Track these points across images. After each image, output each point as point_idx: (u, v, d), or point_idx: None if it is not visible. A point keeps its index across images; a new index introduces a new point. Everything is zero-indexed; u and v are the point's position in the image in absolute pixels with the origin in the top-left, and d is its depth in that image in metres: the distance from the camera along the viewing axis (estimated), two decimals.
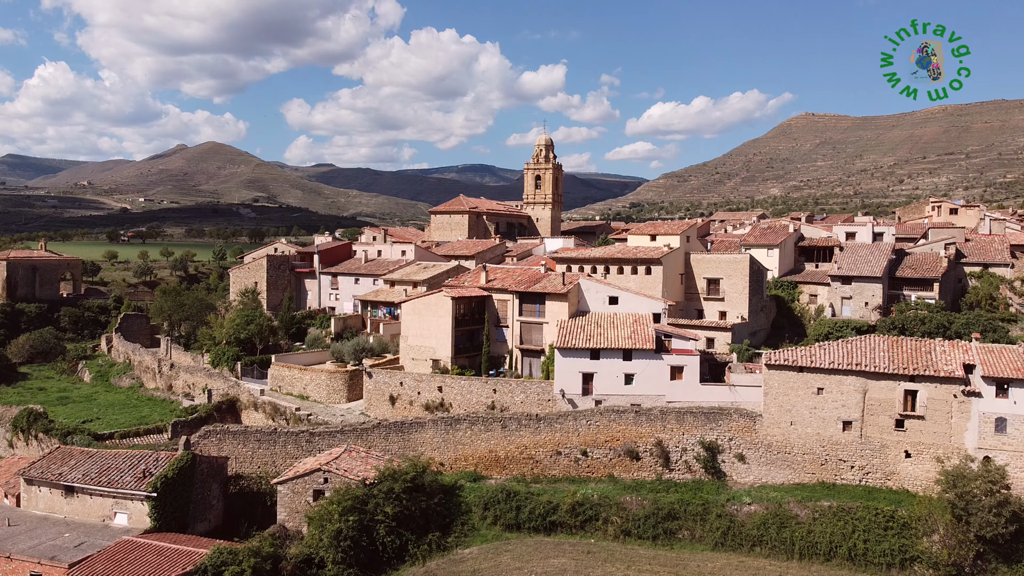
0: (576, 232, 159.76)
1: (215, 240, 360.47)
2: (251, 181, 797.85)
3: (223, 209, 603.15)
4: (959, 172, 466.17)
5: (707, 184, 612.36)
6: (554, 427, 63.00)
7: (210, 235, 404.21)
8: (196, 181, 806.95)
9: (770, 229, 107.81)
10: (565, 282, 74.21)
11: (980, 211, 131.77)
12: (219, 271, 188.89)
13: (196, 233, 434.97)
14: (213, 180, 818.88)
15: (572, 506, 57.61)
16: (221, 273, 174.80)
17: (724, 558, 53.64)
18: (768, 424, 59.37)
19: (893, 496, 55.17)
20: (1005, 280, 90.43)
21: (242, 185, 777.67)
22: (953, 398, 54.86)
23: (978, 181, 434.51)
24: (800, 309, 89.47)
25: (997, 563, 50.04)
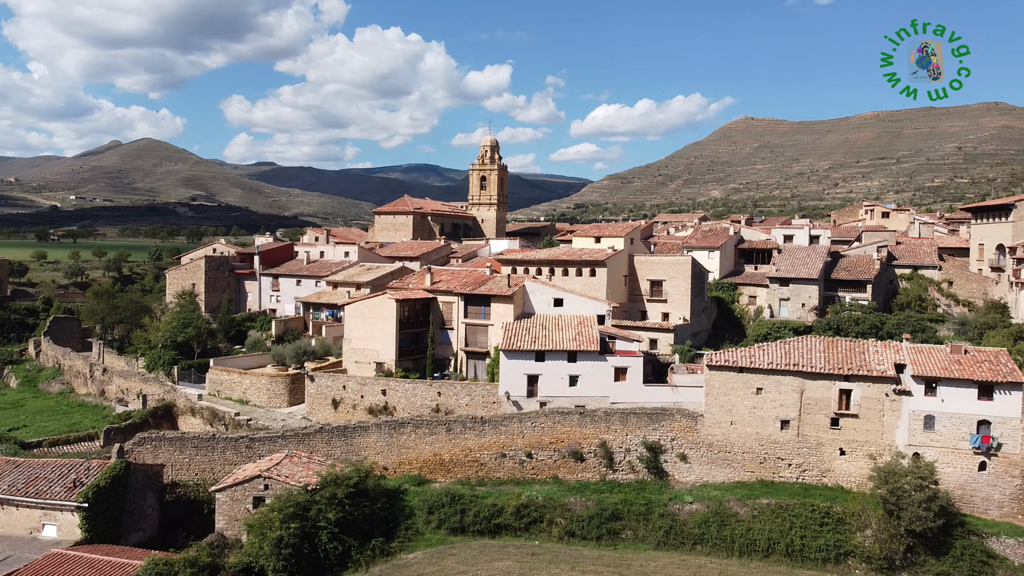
0: (521, 233, 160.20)
1: (151, 240, 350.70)
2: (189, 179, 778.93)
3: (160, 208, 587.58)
4: (890, 176, 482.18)
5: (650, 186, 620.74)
6: (499, 429, 62.96)
7: (146, 235, 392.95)
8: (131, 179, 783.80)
9: (711, 231, 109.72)
10: (510, 284, 74.22)
11: (910, 215, 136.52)
12: (155, 272, 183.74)
13: (131, 233, 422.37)
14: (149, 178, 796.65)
15: (517, 508, 57.67)
16: (157, 274, 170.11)
17: (667, 557, 54.34)
18: (709, 424, 60.35)
19: (829, 493, 56.68)
20: (933, 282, 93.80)
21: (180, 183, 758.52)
22: (885, 397, 56.61)
23: (908, 185, 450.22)
24: (740, 310, 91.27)
25: (926, 556, 51.80)
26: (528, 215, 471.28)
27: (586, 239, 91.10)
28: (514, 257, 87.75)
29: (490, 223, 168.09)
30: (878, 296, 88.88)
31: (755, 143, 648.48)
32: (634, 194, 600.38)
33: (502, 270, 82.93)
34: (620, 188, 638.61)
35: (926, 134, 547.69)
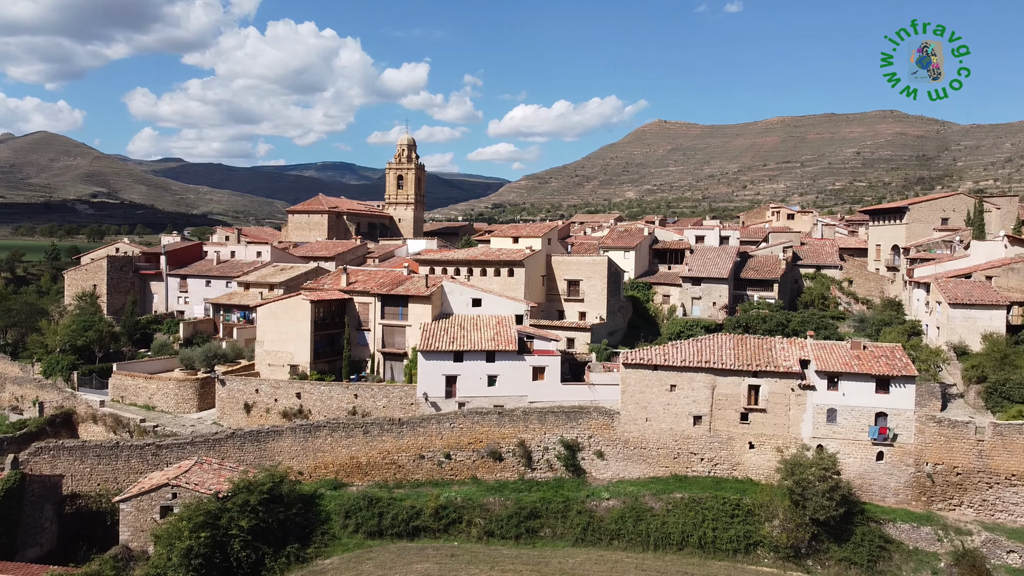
0: (439, 233, 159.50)
1: (47, 239, 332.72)
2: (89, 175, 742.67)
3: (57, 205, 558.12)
4: (795, 179, 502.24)
5: (567, 186, 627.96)
6: (417, 431, 62.49)
7: (42, 233, 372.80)
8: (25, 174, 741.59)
9: (627, 232, 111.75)
10: (428, 284, 73.76)
11: (814, 217, 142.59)
12: (52, 273, 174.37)
13: (25, 231, 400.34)
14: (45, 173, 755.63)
15: (436, 510, 57.44)
16: (55, 275, 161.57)
17: (584, 553, 55.10)
18: (625, 421, 61.45)
19: (739, 485, 58.59)
20: (835, 281, 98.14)
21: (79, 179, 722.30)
22: (791, 392, 58.89)
23: (811, 188, 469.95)
24: (654, 309, 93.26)
25: (829, 543, 54.20)
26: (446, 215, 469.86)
27: (504, 239, 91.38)
28: (432, 257, 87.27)
29: (407, 223, 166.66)
30: (784, 295, 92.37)
31: (668, 145, 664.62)
32: (551, 194, 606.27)
33: (420, 270, 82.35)
34: (538, 188, 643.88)
35: (828, 139, 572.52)
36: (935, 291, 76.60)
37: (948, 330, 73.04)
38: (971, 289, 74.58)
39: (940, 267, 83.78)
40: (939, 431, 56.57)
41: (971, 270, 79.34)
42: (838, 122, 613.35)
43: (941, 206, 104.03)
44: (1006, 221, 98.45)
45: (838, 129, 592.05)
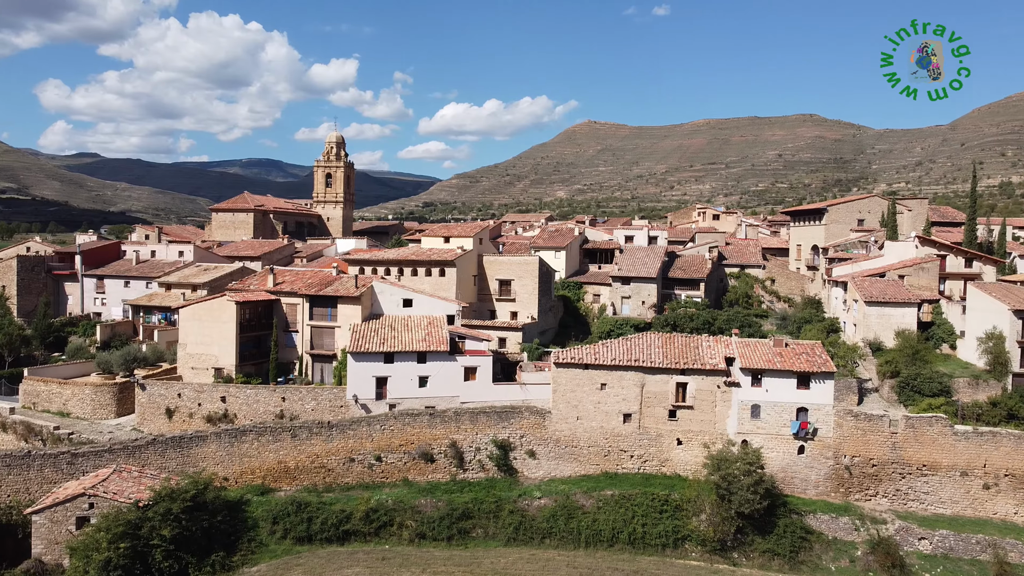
0: (369, 232, 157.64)
1: None
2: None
3: None
4: (720, 180, 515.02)
5: (498, 185, 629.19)
6: (347, 434, 61.58)
7: None
8: None
9: (558, 232, 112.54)
10: (358, 285, 72.74)
11: (738, 217, 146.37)
12: None
13: None
14: None
15: (366, 513, 56.80)
16: None
17: (516, 552, 55.30)
18: (557, 420, 61.87)
19: (667, 481, 59.69)
20: (758, 280, 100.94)
21: None
22: (717, 389, 60.31)
23: (736, 189, 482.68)
24: (585, 308, 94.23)
25: (754, 535, 55.77)
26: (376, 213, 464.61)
27: (435, 239, 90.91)
28: (362, 257, 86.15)
29: (336, 222, 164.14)
30: (710, 293, 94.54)
31: (598, 146, 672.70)
32: (482, 193, 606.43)
33: (349, 270, 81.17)
34: (469, 187, 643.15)
35: (751, 142, 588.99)
36: (852, 290, 79.59)
37: (864, 327, 75.98)
38: (885, 288, 77.76)
39: (857, 266, 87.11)
40: (856, 425, 58.83)
41: (885, 269, 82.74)
42: (761, 125, 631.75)
43: (857, 208, 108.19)
44: (917, 222, 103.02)
45: (761, 132, 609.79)
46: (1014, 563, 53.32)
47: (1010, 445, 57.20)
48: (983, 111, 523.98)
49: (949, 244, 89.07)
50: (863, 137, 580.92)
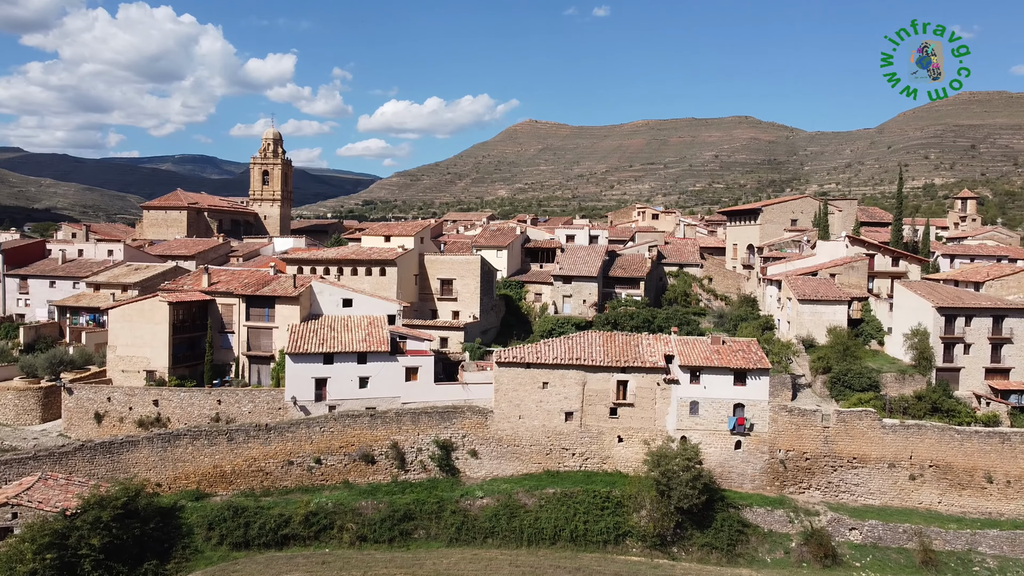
0: (307, 231, 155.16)
1: None
2: None
3: None
4: (659, 180, 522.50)
5: (439, 184, 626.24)
6: (285, 436, 60.46)
7: None
8: None
9: (499, 231, 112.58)
10: (296, 284, 71.46)
11: (676, 217, 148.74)
12: None
13: None
14: None
15: (306, 516, 55.85)
16: None
17: (459, 553, 55.11)
18: (499, 419, 61.87)
19: (609, 478, 60.29)
20: (696, 279, 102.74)
21: None
22: (657, 386, 61.15)
23: (674, 189, 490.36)
24: (527, 307, 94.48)
25: (692, 530, 56.74)
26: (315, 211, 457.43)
27: (376, 238, 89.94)
28: (300, 256, 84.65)
29: (273, 220, 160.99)
30: (650, 292, 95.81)
31: (539, 145, 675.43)
32: (423, 192, 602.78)
33: (287, 270, 79.71)
34: (410, 185, 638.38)
35: (689, 143, 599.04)
36: (786, 288, 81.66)
37: (798, 324, 78.03)
38: (817, 286, 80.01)
39: (790, 265, 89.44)
40: (790, 420, 60.38)
41: (817, 268, 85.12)
42: (698, 126, 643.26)
43: (791, 208, 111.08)
44: (847, 222, 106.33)
45: (698, 133, 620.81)
46: (938, 550, 55.55)
47: (934, 437, 59.48)
48: (908, 115, 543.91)
49: (877, 244, 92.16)
50: (796, 139, 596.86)
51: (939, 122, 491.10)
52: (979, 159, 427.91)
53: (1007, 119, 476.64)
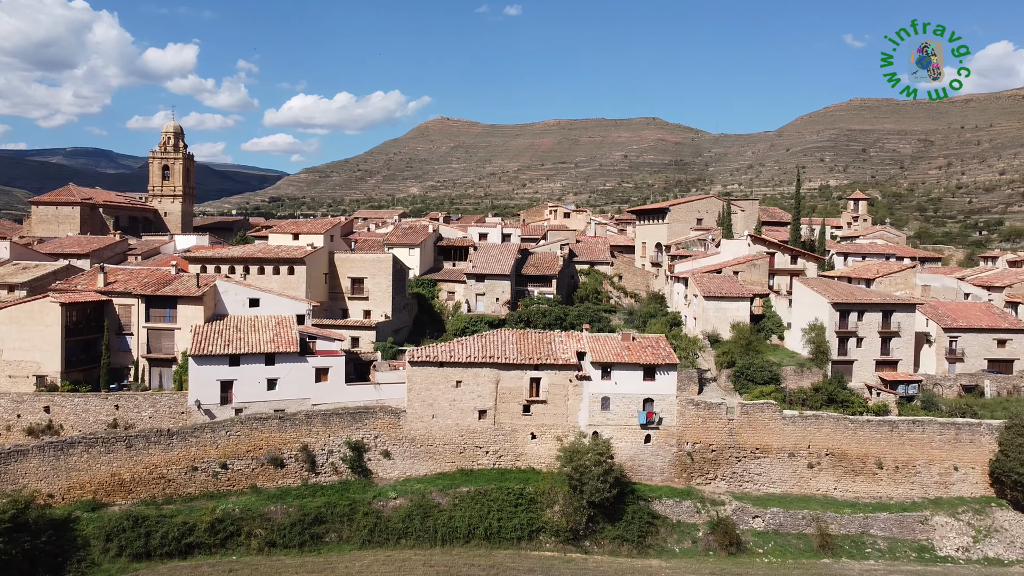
0: (211, 228, 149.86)
1: None
2: None
3: None
4: (570, 179, 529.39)
5: (349, 180, 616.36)
6: (189, 441, 58.29)
7: None
8: None
9: (411, 229, 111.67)
10: (200, 284, 68.95)
11: (587, 216, 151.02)
12: None
13: None
14: None
15: (211, 524, 54.09)
16: None
17: (372, 555, 54.51)
18: (412, 419, 61.39)
19: (522, 475, 60.70)
20: (607, 276, 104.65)
21: None
22: (569, 383, 61.93)
23: (585, 188, 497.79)
24: (440, 306, 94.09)
25: (604, 523, 57.76)
26: (219, 208, 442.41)
27: (284, 236, 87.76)
28: (203, 255, 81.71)
29: (175, 217, 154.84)
30: (562, 290, 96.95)
31: (451, 143, 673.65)
32: (333, 189, 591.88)
33: (190, 269, 76.83)
34: (319, 182, 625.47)
35: (599, 142, 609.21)
36: (692, 285, 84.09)
37: (703, 320, 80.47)
38: (722, 283, 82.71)
39: (696, 263, 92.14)
40: (697, 413, 62.22)
41: (721, 266, 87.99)
42: (607, 127, 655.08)
43: (696, 208, 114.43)
44: (749, 222, 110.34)
45: (608, 133, 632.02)
46: (834, 534, 58.39)
47: (830, 427, 62.42)
48: (805, 119, 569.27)
49: (777, 242, 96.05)
50: (701, 141, 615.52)
51: (833, 126, 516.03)
52: (869, 162, 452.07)
53: (894, 124, 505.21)
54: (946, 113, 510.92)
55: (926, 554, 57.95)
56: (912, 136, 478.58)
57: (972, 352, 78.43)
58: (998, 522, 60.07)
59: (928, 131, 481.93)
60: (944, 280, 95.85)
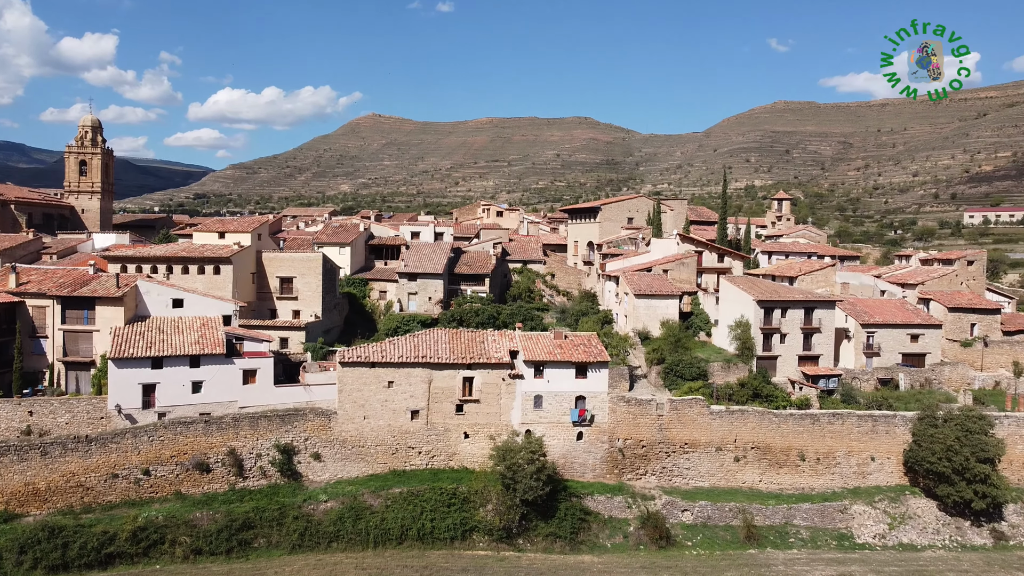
0: (133, 226, 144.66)
1: None
2: None
3: None
4: (503, 177, 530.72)
5: (278, 177, 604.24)
6: (109, 448, 56.18)
7: None
8: None
9: (342, 227, 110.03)
10: (120, 284, 66.52)
11: (520, 214, 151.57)
12: None
13: None
14: None
15: (133, 532, 52.31)
16: None
17: (302, 559, 53.59)
18: (343, 420, 60.56)
19: (455, 475, 60.55)
20: (540, 275, 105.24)
21: None
22: (502, 381, 62.05)
23: (517, 186, 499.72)
24: (371, 305, 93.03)
25: (537, 521, 58.10)
26: (140, 205, 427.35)
27: (209, 234, 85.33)
28: (124, 254, 78.77)
29: (93, 214, 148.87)
30: (495, 288, 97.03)
31: (383, 140, 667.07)
32: (260, 185, 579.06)
33: (109, 268, 74.07)
34: (246, 179, 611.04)
35: (531, 141, 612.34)
36: (623, 283, 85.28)
37: (634, 318, 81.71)
38: (652, 281, 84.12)
39: (627, 262, 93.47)
40: (628, 410, 63.15)
41: (651, 264, 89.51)
42: (540, 126, 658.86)
43: (627, 207, 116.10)
44: (678, 221, 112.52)
45: (540, 132, 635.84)
46: (759, 525, 60.07)
47: (755, 421, 64.19)
48: (731, 121, 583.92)
49: (705, 241, 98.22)
50: (632, 141, 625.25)
51: (758, 128, 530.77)
52: (792, 163, 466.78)
53: (815, 127, 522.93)
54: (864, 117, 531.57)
55: (845, 542, 60.17)
56: (832, 138, 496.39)
57: (888, 347, 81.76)
58: (912, 509, 62.80)
59: (847, 134, 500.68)
60: (862, 278, 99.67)
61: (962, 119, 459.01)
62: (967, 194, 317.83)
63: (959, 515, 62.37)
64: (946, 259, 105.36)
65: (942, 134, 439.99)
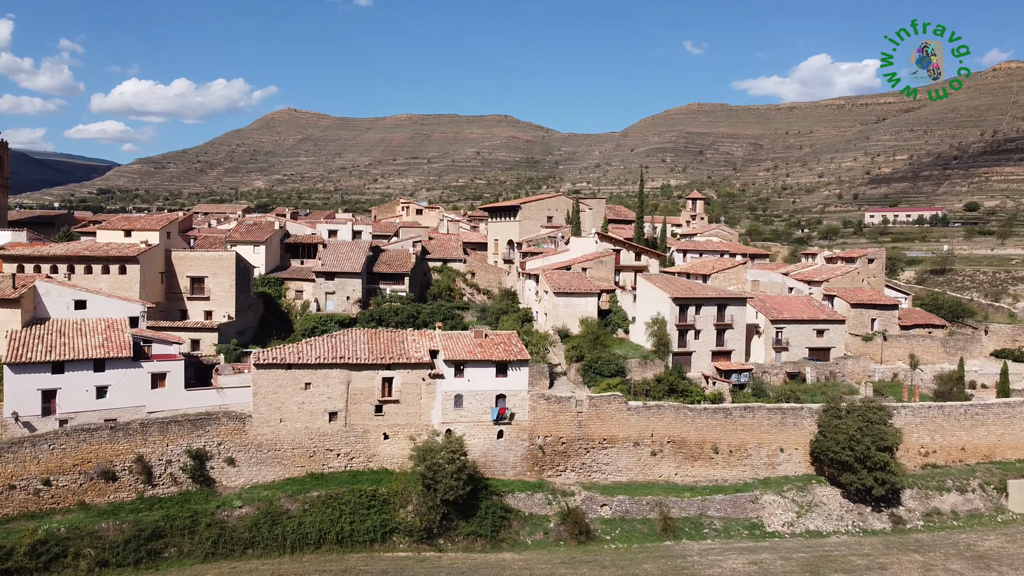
0: (31, 223, 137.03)
1: None
2: None
3: None
4: (423, 175, 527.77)
5: (188, 172, 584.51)
6: (5, 457, 53.15)
7: None
8: None
9: (256, 225, 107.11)
10: (16, 285, 63.03)
11: (440, 212, 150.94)
12: None
13: None
14: None
15: (32, 546, 49.69)
16: None
17: (216, 567, 52.12)
18: (258, 424, 59.06)
19: (375, 477, 59.88)
20: (460, 273, 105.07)
21: None
22: (422, 381, 61.68)
23: (437, 184, 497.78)
24: (287, 305, 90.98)
25: (458, 520, 58.05)
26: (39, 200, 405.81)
27: (114, 232, 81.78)
28: (21, 252, 74.68)
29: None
30: (415, 287, 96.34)
31: (299, 135, 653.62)
32: (169, 180, 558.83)
33: (4, 268, 70.20)
34: (154, 173, 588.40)
35: (451, 138, 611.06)
36: (543, 281, 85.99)
37: (554, 316, 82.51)
38: (571, 279, 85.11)
39: (547, 260, 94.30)
40: (548, 407, 63.71)
41: (571, 263, 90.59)
42: (460, 123, 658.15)
43: (547, 206, 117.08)
44: (597, 220, 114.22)
45: (460, 130, 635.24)
46: (675, 517, 61.62)
47: (671, 416, 65.74)
48: (648, 122, 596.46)
49: (623, 240, 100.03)
50: (551, 139, 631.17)
51: (674, 129, 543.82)
52: (706, 163, 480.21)
53: (728, 129, 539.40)
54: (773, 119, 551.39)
55: (756, 531, 62.33)
56: (744, 140, 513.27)
57: (795, 342, 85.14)
58: (818, 497, 65.54)
59: (758, 135, 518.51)
60: (771, 275, 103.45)
61: (863, 123, 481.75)
62: (868, 195, 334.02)
63: (861, 501, 65.42)
64: (849, 257, 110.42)
65: (845, 137, 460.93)
